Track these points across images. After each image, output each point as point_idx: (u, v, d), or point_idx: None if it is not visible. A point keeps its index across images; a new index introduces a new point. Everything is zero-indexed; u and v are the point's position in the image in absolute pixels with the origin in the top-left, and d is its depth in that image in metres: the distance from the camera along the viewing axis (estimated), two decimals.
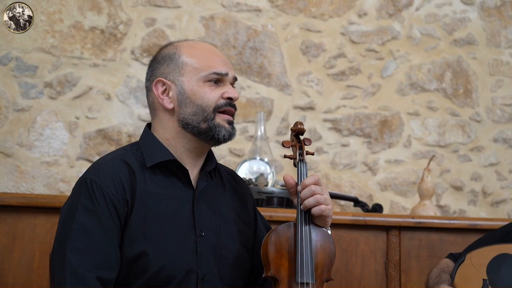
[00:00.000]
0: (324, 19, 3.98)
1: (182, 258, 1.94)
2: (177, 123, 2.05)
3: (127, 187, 1.95)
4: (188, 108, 2.03)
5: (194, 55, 2.07)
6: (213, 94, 2.03)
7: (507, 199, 3.94)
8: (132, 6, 3.83)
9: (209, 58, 2.06)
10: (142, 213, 1.94)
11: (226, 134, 2.04)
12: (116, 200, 1.91)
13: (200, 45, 2.12)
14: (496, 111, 4.01)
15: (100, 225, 1.88)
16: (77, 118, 3.70)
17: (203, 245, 1.98)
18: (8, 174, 3.60)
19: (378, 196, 3.86)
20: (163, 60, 2.09)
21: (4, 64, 3.67)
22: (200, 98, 2.02)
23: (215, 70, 2.04)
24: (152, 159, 2.03)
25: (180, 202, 2.01)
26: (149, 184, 1.99)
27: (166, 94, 2.06)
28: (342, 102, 3.93)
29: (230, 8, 3.92)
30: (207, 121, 2.02)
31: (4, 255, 2.76)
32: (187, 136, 2.05)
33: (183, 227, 1.97)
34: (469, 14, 4.07)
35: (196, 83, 2.03)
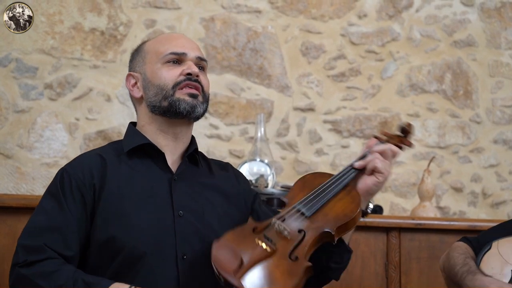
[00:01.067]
0: (324, 21, 3.98)
1: (156, 238, 1.95)
2: (147, 109, 2.13)
3: (95, 172, 2.01)
4: (151, 91, 2.11)
5: (157, 42, 2.16)
6: (170, 73, 2.09)
7: (507, 201, 3.94)
8: (132, 7, 3.83)
9: (166, 42, 2.14)
10: (113, 196, 1.98)
11: (187, 107, 2.07)
12: (82, 184, 1.98)
13: (165, 34, 2.25)
14: (496, 112, 4.01)
15: (61, 208, 1.95)
16: (77, 119, 3.70)
17: (182, 225, 1.99)
18: (8, 176, 3.60)
19: (378, 197, 3.85)
20: (132, 56, 2.22)
21: (4, 65, 3.67)
22: (158, 79, 2.09)
23: (171, 50, 2.11)
24: (128, 145, 2.10)
25: (156, 184, 2.04)
26: (123, 168, 2.05)
27: (136, 85, 2.16)
28: (342, 103, 3.93)
29: (230, 10, 3.92)
30: (167, 98, 2.07)
31: (4, 256, 2.76)
32: (157, 118, 2.12)
33: (158, 207, 2.00)
34: (469, 16, 4.08)
35: (155, 66, 2.11)
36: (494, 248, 2.28)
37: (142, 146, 2.09)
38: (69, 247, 1.92)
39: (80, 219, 1.96)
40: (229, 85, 3.84)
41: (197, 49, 2.17)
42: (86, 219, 1.97)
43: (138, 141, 2.10)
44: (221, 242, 1.90)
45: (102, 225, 1.95)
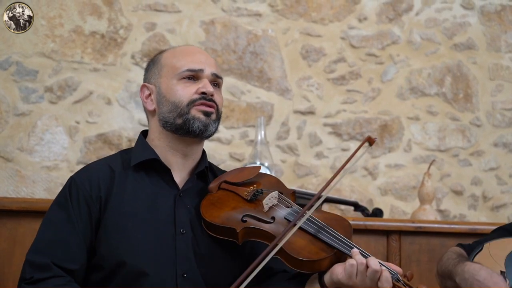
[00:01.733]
0: (324, 24, 3.98)
1: (157, 254, 1.96)
2: (159, 123, 2.12)
3: (103, 185, 2.01)
4: (165, 107, 2.09)
5: (173, 56, 2.14)
6: (186, 90, 2.08)
7: (507, 204, 3.94)
8: (133, 10, 3.83)
9: (185, 57, 2.12)
10: (117, 210, 1.99)
11: (200, 125, 2.06)
12: (89, 197, 1.99)
13: (182, 47, 2.21)
14: (496, 115, 4.01)
15: (68, 220, 1.96)
16: (77, 122, 3.70)
17: (183, 243, 2.00)
18: (8, 179, 3.60)
19: (378, 200, 3.86)
20: (148, 66, 2.20)
21: (5, 68, 3.67)
22: (173, 95, 2.08)
23: (188, 67, 2.09)
24: (136, 158, 2.10)
25: (160, 200, 2.04)
26: (130, 182, 2.05)
27: (150, 97, 2.14)
28: (342, 106, 3.93)
29: (230, 13, 3.92)
30: (182, 116, 2.06)
31: (4, 260, 2.76)
32: (168, 135, 2.11)
33: (161, 224, 2.00)
34: (469, 19, 4.08)
35: (171, 81, 2.10)
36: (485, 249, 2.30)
37: (150, 160, 2.09)
38: (75, 260, 1.93)
39: (86, 232, 1.97)
40: (229, 88, 3.84)
41: (213, 66, 2.15)
42: (91, 231, 1.98)
43: (146, 155, 2.09)
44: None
45: (105, 239, 1.97)
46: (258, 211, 2.03)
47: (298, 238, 1.95)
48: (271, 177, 2.29)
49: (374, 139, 2.12)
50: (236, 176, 2.19)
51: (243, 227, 1.97)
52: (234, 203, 2.08)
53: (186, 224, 2.03)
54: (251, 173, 2.22)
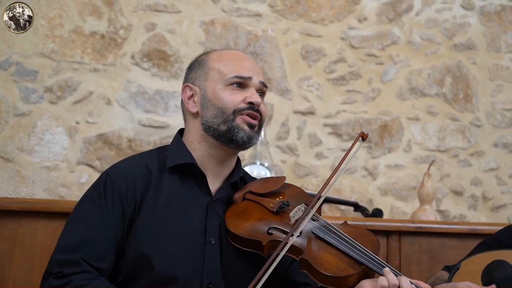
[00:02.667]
0: (324, 24, 3.98)
1: (186, 262, 1.94)
2: (201, 127, 2.07)
3: (139, 186, 1.98)
4: (209, 111, 2.05)
5: (221, 60, 2.10)
6: (233, 97, 2.04)
7: (507, 204, 3.94)
8: (133, 11, 3.83)
9: (234, 63, 2.09)
10: (150, 213, 1.96)
11: (244, 136, 2.03)
12: (124, 197, 1.95)
13: (230, 52, 2.17)
14: (496, 116, 4.01)
15: (101, 218, 1.93)
16: (77, 123, 3.70)
17: (211, 253, 1.98)
18: (8, 179, 3.60)
19: (378, 200, 3.86)
20: (193, 67, 2.14)
21: (5, 69, 3.67)
22: (220, 101, 2.04)
23: (237, 74, 2.06)
24: (172, 160, 2.05)
25: (193, 207, 2.02)
26: (164, 185, 2.01)
27: (192, 98, 2.09)
28: (342, 106, 3.93)
29: (230, 13, 3.92)
30: (227, 123, 2.03)
31: (4, 260, 2.76)
32: (209, 140, 2.07)
33: (192, 232, 1.98)
34: (469, 19, 4.08)
35: (218, 86, 2.06)
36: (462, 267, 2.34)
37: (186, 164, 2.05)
38: (104, 259, 1.91)
39: (118, 232, 1.94)
40: None
41: (261, 74, 2.12)
42: (123, 232, 1.95)
43: (183, 159, 2.05)
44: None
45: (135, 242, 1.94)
46: (284, 224, 1.99)
47: (325, 253, 1.92)
48: (296, 188, 2.25)
49: (366, 134, 2.12)
50: (261, 186, 2.15)
51: (269, 240, 1.94)
52: (259, 215, 2.04)
53: (215, 234, 2.01)
54: (276, 184, 2.17)
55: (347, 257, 1.91)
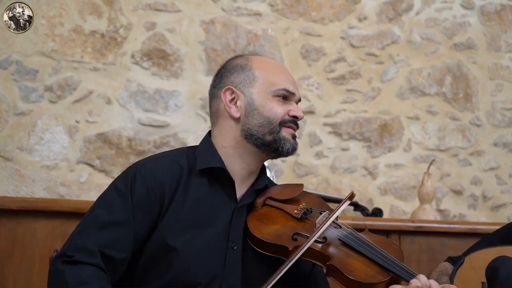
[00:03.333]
0: (324, 23, 3.98)
1: (206, 266, 1.94)
2: (240, 133, 2.06)
3: (168, 185, 1.97)
4: (255, 119, 2.04)
5: (266, 69, 2.10)
6: (280, 109, 2.05)
7: (507, 203, 3.94)
8: (133, 10, 3.83)
9: (280, 75, 2.10)
10: (176, 215, 1.95)
11: (290, 148, 2.05)
12: (152, 194, 1.94)
13: (271, 61, 2.18)
14: (496, 115, 4.01)
15: (125, 207, 1.91)
16: (77, 122, 3.70)
17: (232, 258, 1.98)
18: (8, 178, 3.60)
19: (378, 200, 3.86)
20: (234, 70, 2.11)
21: (5, 68, 3.67)
22: (268, 111, 2.04)
23: (285, 87, 2.07)
24: (202, 163, 2.04)
25: (218, 212, 2.01)
26: (192, 187, 2.00)
27: (234, 102, 2.07)
28: (342, 106, 3.93)
29: (230, 12, 3.92)
30: (273, 134, 2.04)
31: (4, 259, 2.76)
32: (247, 147, 2.06)
33: (215, 236, 1.97)
34: (469, 19, 4.08)
35: (265, 96, 2.05)
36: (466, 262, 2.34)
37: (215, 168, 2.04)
38: (122, 250, 1.89)
39: (140, 227, 1.93)
40: None
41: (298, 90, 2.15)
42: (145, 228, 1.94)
43: (213, 163, 2.04)
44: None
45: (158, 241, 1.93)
46: (309, 230, 1.99)
47: (354, 261, 1.93)
48: (315, 197, 2.25)
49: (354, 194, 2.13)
50: (281, 192, 2.16)
51: (295, 246, 1.93)
52: (282, 221, 2.04)
53: (238, 240, 2.00)
54: (295, 191, 2.18)
55: (375, 264, 1.92)
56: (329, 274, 1.90)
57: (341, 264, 1.89)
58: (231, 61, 2.16)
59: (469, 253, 2.40)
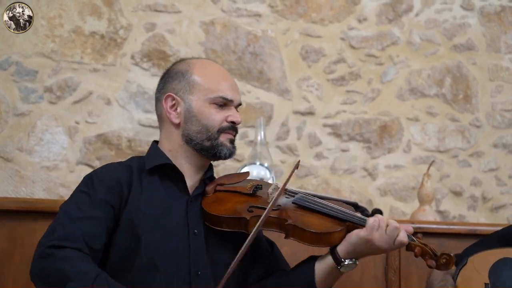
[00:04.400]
0: (324, 24, 3.98)
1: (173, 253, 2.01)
2: (181, 138, 2.17)
3: (123, 180, 2.06)
4: (193, 126, 2.15)
5: (206, 75, 2.18)
6: (218, 116, 2.15)
7: (506, 205, 3.94)
8: (132, 11, 3.83)
9: (219, 82, 2.18)
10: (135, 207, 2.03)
11: (227, 152, 2.17)
12: (111, 188, 2.03)
13: (211, 66, 2.24)
14: (496, 116, 4.01)
15: (90, 202, 1.99)
16: (77, 122, 3.70)
17: (196, 243, 2.06)
18: (8, 179, 3.60)
19: (377, 201, 3.86)
20: (176, 76, 2.21)
21: (4, 68, 3.67)
22: (205, 118, 2.14)
23: (223, 94, 2.16)
24: (151, 162, 2.15)
25: (173, 204, 2.10)
26: (145, 185, 2.10)
27: (174, 109, 2.18)
28: (342, 107, 3.93)
29: (230, 13, 3.92)
30: (211, 140, 2.14)
31: (3, 260, 2.76)
32: (189, 150, 2.17)
33: (175, 225, 2.06)
34: (469, 20, 4.08)
35: (203, 103, 2.15)
36: (469, 263, 2.35)
37: (163, 165, 2.14)
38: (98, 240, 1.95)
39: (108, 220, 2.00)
40: None
41: (239, 94, 2.23)
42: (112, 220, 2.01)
43: (161, 160, 2.15)
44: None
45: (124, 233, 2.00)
46: (263, 202, 2.10)
47: (310, 218, 2.05)
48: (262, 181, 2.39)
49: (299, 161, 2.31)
50: (229, 178, 2.28)
51: (252, 216, 2.03)
52: (236, 198, 2.15)
53: (198, 226, 2.09)
54: (242, 176, 2.32)
55: (330, 217, 2.06)
56: (289, 235, 2.01)
57: (298, 222, 2.01)
58: (174, 66, 2.26)
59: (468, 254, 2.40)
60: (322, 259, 2.07)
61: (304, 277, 2.07)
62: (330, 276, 2.05)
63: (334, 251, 2.02)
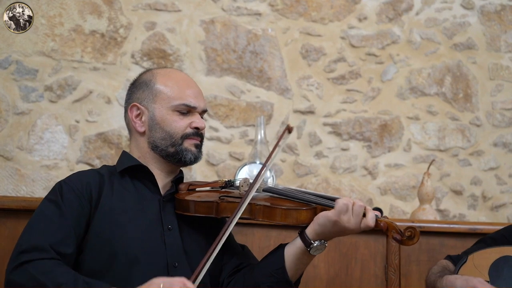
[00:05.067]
0: (324, 23, 3.98)
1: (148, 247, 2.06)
2: (147, 145, 2.24)
3: (93, 186, 2.12)
4: (157, 133, 2.22)
5: (168, 84, 2.25)
6: (181, 123, 2.22)
7: (506, 203, 3.94)
8: (133, 10, 3.83)
9: (181, 89, 2.24)
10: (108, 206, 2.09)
11: (192, 157, 2.23)
12: (80, 194, 2.08)
13: (175, 75, 2.30)
14: (496, 115, 4.01)
15: (59, 210, 2.03)
16: (77, 121, 3.70)
17: (171, 237, 2.11)
18: (8, 178, 3.60)
19: (378, 200, 3.86)
20: (140, 86, 2.28)
21: (5, 67, 3.68)
22: (168, 125, 2.21)
23: (185, 102, 2.23)
24: (121, 165, 2.23)
25: (145, 203, 2.16)
26: (117, 186, 2.16)
27: (139, 118, 2.25)
28: (342, 106, 3.93)
29: (230, 12, 3.92)
30: (175, 146, 2.21)
31: (4, 259, 2.75)
32: (155, 157, 2.24)
33: (149, 221, 2.12)
34: (469, 19, 4.08)
35: (166, 111, 2.22)
36: (469, 261, 2.37)
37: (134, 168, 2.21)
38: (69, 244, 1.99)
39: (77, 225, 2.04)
40: (229, 88, 3.84)
41: (203, 101, 2.29)
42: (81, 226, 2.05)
43: (131, 162, 2.22)
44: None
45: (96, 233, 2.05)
46: (234, 194, 2.18)
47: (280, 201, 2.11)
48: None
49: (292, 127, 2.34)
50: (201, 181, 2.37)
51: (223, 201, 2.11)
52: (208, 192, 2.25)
53: (172, 222, 2.15)
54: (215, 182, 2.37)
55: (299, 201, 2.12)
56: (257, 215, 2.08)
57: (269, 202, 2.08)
58: (140, 76, 2.33)
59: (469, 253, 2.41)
60: (291, 244, 2.11)
61: (274, 264, 2.11)
62: (301, 260, 2.09)
63: (303, 233, 2.06)
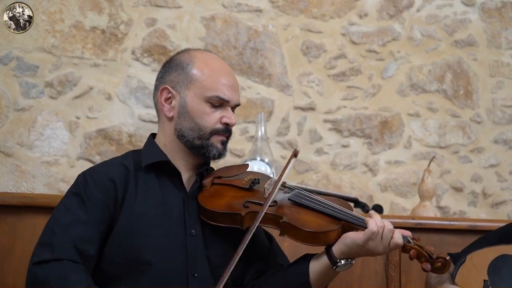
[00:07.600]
0: (325, 20, 3.98)
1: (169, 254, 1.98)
2: (173, 131, 2.13)
3: (118, 181, 2.02)
4: (186, 122, 2.10)
5: (205, 72, 2.11)
6: (212, 117, 2.09)
7: (507, 200, 3.94)
8: (133, 6, 3.83)
9: (217, 80, 2.11)
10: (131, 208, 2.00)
11: (216, 154, 2.11)
12: (105, 189, 1.99)
13: (213, 62, 2.16)
14: (497, 112, 4.01)
15: (84, 208, 1.95)
16: (77, 118, 3.70)
17: (193, 244, 2.03)
18: (8, 174, 3.60)
19: (378, 197, 3.86)
20: (176, 68, 2.14)
21: (5, 63, 3.67)
22: (199, 117, 2.09)
23: (219, 94, 2.10)
24: (147, 160, 2.10)
25: (170, 203, 2.06)
26: (141, 182, 2.06)
27: (169, 102, 2.12)
28: (342, 102, 3.93)
29: (231, 9, 3.92)
30: (202, 140, 2.09)
31: (4, 255, 2.76)
32: (181, 146, 2.12)
33: (172, 225, 2.03)
34: (469, 15, 4.07)
35: (198, 100, 2.09)
36: (468, 260, 2.36)
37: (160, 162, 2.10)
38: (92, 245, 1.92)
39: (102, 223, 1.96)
40: None
41: (238, 94, 2.16)
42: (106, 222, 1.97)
43: (157, 157, 2.10)
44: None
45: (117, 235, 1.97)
46: (259, 198, 2.08)
47: (305, 215, 2.03)
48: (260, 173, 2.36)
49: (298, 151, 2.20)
50: (227, 171, 2.25)
51: (247, 212, 2.01)
52: (232, 193, 2.12)
53: (195, 226, 2.06)
54: (240, 169, 2.27)
55: (326, 215, 2.03)
56: (284, 232, 1.99)
57: (293, 220, 1.99)
58: (178, 56, 2.19)
59: (469, 252, 2.41)
60: (317, 258, 2.04)
61: (299, 277, 2.04)
62: (325, 276, 2.02)
63: (329, 251, 1.99)
